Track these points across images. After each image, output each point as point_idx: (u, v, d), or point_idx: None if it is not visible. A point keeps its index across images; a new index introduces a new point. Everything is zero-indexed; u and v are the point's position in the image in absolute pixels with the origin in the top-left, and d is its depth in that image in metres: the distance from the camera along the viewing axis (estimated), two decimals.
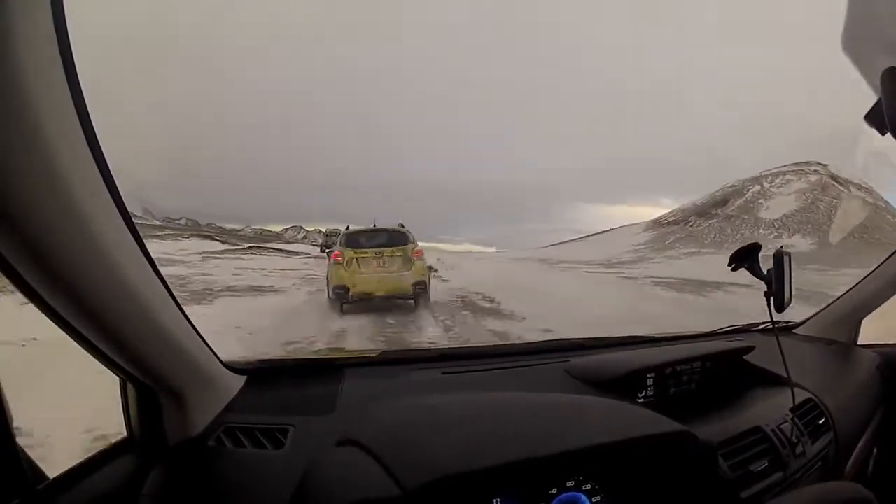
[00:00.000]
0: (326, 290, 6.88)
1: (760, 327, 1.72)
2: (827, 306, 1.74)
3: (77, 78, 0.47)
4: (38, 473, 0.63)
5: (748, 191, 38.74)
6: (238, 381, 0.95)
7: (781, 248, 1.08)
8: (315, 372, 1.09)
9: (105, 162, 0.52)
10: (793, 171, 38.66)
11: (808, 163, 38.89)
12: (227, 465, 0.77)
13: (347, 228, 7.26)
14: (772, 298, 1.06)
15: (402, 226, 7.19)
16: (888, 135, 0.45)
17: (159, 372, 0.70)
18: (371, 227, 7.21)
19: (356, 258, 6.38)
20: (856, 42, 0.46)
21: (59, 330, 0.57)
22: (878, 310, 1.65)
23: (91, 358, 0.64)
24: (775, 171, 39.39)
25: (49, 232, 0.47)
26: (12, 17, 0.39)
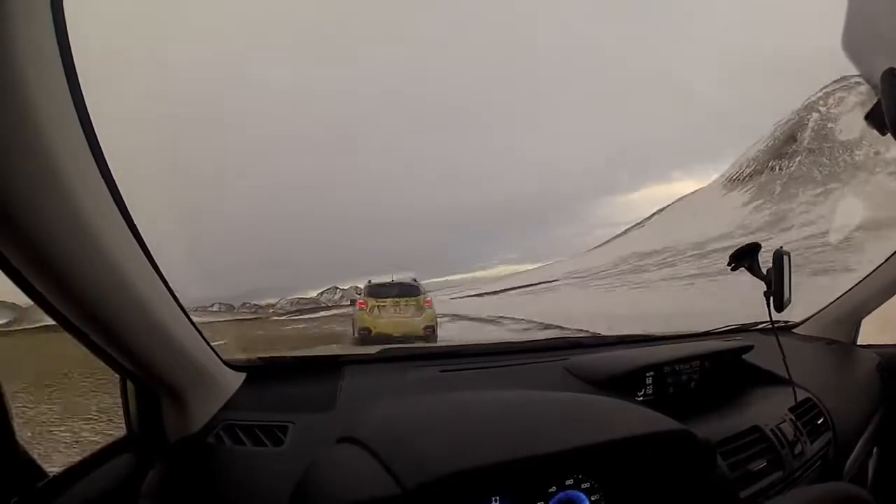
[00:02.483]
0: (353, 331, 8.27)
1: (759, 327, 1.72)
2: (827, 306, 1.74)
3: (77, 78, 0.47)
4: (38, 471, 0.63)
5: (808, 120, 37.70)
6: (237, 379, 0.95)
7: (781, 247, 1.08)
8: (315, 369, 1.09)
9: (105, 162, 0.52)
10: (837, 88, 37.37)
11: (844, 78, 37.27)
12: (227, 463, 0.77)
13: (370, 282, 8.66)
14: (771, 298, 1.06)
15: (416, 280, 8.89)
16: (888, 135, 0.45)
17: (159, 369, 0.70)
18: (390, 280, 8.79)
19: (377, 306, 7.81)
20: (856, 42, 0.46)
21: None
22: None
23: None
24: (821, 94, 38.11)
25: (50, 231, 0.47)
26: (12, 18, 0.39)
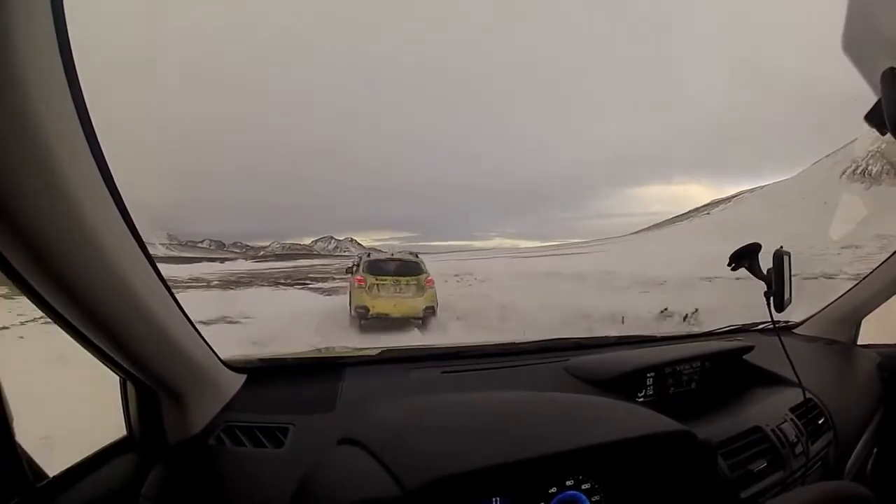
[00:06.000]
0: (349, 309, 7.74)
1: (760, 327, 1.72)
2: (827, 306, 1.74)
3: (77, 78, 0.47)
4: (38, 472, 0.63)
5: None
6: (238, 380, 0.95)
7: (781, 247, 1.08)
8: (315, 371, 1.09)
9: (105, 161, 0.52)
10: None
11: None
12: (227, 465, 0.77)
13: (369, 255, 8.21)
14: (772, 298, 1.05)
15: (417, 256, 8.29)
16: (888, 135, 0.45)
17: (159, 371, 0.70)
18: (390, 255, 8.25)
19: (377, 284, 7.26)
20: (856, 42, 0.46)
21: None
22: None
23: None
24: None
25: (49, 231, 0.47)
26: (12, 17, 0.39)
